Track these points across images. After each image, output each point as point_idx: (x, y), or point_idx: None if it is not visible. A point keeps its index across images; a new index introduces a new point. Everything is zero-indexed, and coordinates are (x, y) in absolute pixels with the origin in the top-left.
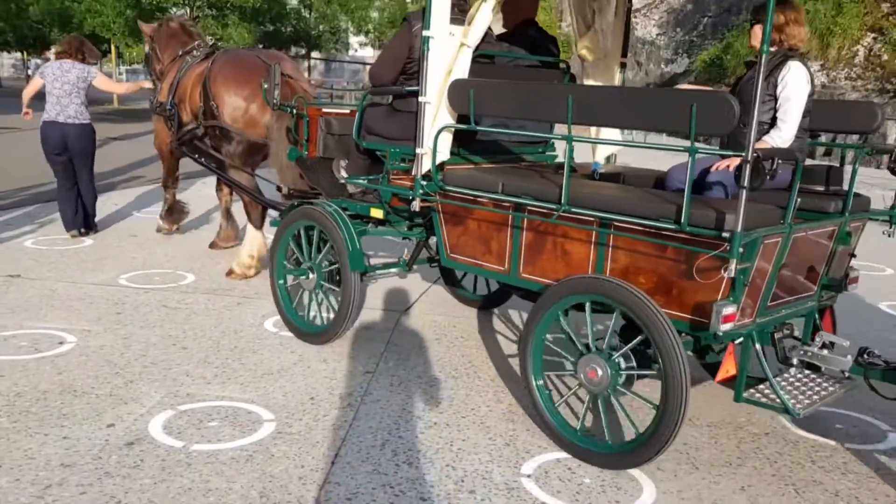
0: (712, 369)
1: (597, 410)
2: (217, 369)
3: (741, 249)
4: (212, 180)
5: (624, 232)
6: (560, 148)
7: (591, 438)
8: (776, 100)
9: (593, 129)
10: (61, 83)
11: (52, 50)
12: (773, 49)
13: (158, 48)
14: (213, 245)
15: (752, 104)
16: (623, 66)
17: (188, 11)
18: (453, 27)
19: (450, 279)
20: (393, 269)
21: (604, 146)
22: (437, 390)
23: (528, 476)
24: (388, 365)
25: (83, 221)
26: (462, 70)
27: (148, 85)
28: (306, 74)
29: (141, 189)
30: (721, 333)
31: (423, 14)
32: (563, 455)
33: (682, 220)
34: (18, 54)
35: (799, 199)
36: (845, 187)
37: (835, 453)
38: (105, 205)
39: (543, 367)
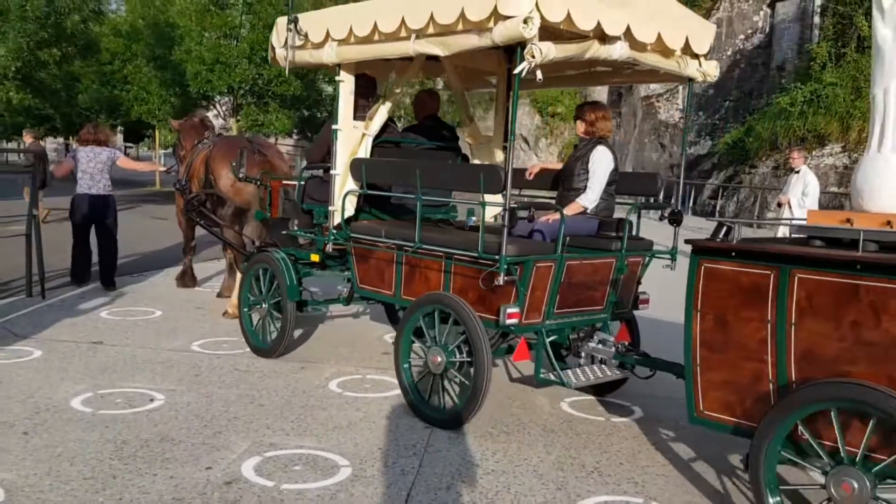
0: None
1: (438, 387)
2: (293, 423)
3: (517, 268)
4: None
5: (457, 261)
6: (462, 209)
7: (433, 407)
8: (588, 172)
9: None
10: (94, 164)
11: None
12: (588, 137)
13: (182, 137)
14: (219, 294)
15: (576, 175)
16: (504, 148)
17: (232, 99)
18: (357, 122)
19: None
20: (329, 305)
21: (491, 207)
22: (491, 443)
23: None
24: None
25: (105, 278)
26: (364, 152)
27: (160, 167)
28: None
29: (198, 265)
30: (508, 326)
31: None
32: (609, 498)
33: (480, 250)
34: (61, 139)
35: (598, 239)
36: (639, 233)
37: None
38: (166, 280)
39: (410, 353)
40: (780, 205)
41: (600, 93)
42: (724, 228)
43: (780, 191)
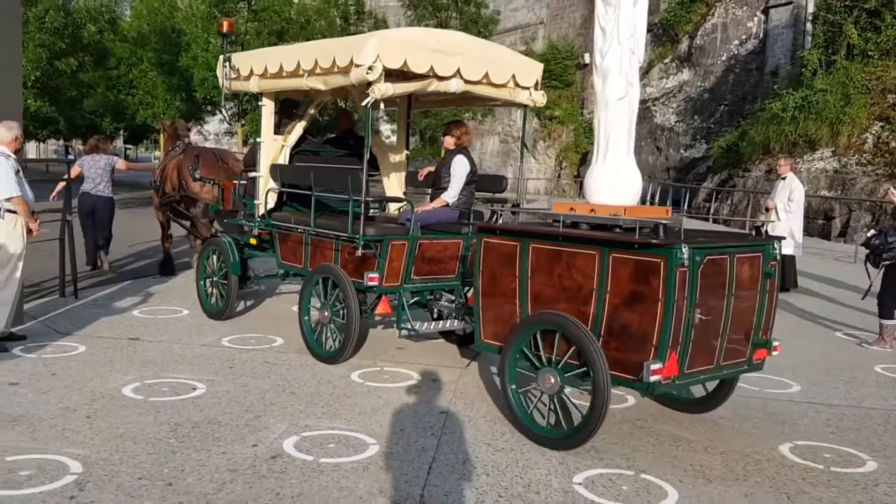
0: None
1: (325, 334)
2: (323, 408)
3: (377, 245)
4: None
5: (341, 241)
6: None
7: (325, 350)
8: (450, 175)
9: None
10: (94, 169)
11: (82, 144)
12: (454, 147)
13: (164, 140)
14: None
15: (450, 176)
16: (407, 156)
17: (237, 104)
18: (277, 136)
19: None
20: (268, 279)
21: (393, 202)
22: (500, 426)
23: (579, 484)
24: (458, 408)
25: (95, 259)
26: (283, 159)
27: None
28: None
29: None
30: (370, 288)
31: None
32: (605, 470)
33: (349, 232)
34: (61, 141)
35: (457, 225)
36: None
37: (822, 473)
38: (188, 281)
39: (309, 309)
40: (767, 209)
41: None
42: (494, 216)
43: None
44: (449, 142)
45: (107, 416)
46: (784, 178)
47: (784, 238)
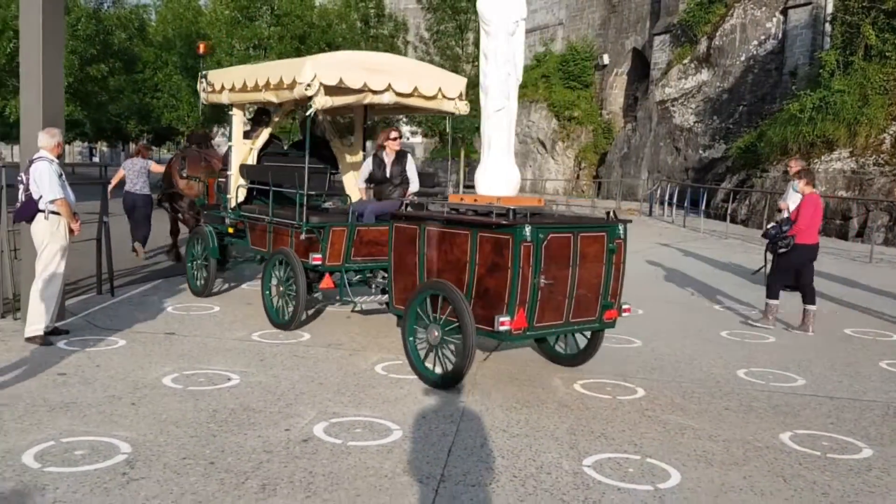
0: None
1: (284, 305)
2: (349, 398)
3: (320, 231)
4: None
5: (294, 228)
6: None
7: (284, 318)
8: (405, 172)
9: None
10: (133, 171)
11: (106, 146)
12: (399, 148)
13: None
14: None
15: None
16: (364, 155)
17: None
18: (246, 140)
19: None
20: (244, 263)
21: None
22: (515, 414)
23: (589, 466)
24: (476, 398)
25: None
26: (252, 160)
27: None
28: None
29: (247, 266)
30: (314, 266)
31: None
32: (613, 455)
33: (297, 220)
34: (86, 143)
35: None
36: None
37: (818, 459)
38: (217, 281)
39: (270, 286)
40: (779, 210)
41: (616, 97)
42: (406, 206)
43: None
44: (397, 146)
45: (150, 403)
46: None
47: (630, 221)
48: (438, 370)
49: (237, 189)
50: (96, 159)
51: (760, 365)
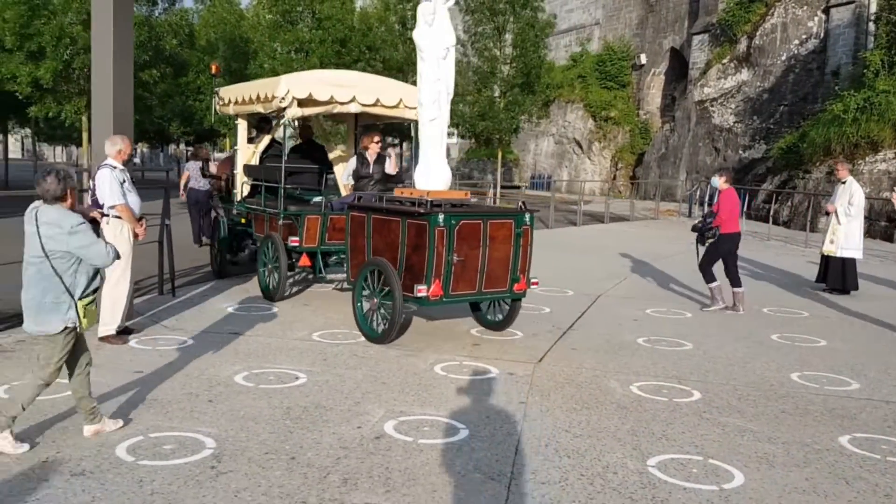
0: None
1: (272, 279)
2: (413, 397)
3: (296, 218)
4: None
5: (280, 219)
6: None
7: (270, 289)
8: (383, 168)
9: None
10: (194, 171)
11: (148, 148)
12: (379, 150)
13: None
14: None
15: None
16: (352, 155)
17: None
18: (250, 145)
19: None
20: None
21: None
22: (575, 415)
23: (653, 466)
24: (536, 398)
25: (199, 239)
26: (255, 160)
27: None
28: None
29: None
30: (294, 247)
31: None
32: (675, 456)
33: (279, 210)
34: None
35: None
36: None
37: (879, 462)
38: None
39: (265, 262)
40: (827, 213)
41: (653, 97)
42: (359, 197)
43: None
44: (378, 148)
45: (226, 400)
46: (844, 183)
47: (538, 211)
48: (380, 329)
49: (241, 185)
50: (137, 160)
51: (813, 368)
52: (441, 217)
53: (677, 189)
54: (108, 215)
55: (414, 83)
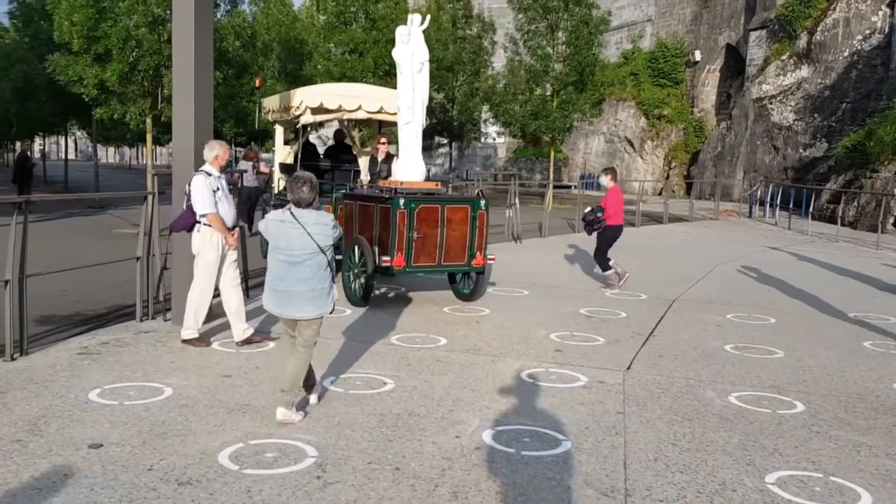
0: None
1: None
2: (505, 405)
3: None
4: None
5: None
6: None
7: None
8: (390, 166)
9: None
10: (247, 169)
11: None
12: (387, 150)
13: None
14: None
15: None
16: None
17: None
18: (286, 146)
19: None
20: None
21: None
22: (678, 427)
23: (772, 483)
24: (633, 409)
25: (250, 228)
26: (290, 160)
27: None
28: (442, 160)
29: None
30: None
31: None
32: (793, 472)
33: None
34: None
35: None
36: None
37: None
38: (339, 284)
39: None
40: None
41: (708, 95)
42: (350, 188)
43: None
44: (387, 148)
45: (320, 407)
46: None
47: (487, 201)
48: (360, 294)
49: (278, 181)
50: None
51: None
52: (402, 201)
53: (734, 188)
54: (199, 222)
55: (463, 82)
